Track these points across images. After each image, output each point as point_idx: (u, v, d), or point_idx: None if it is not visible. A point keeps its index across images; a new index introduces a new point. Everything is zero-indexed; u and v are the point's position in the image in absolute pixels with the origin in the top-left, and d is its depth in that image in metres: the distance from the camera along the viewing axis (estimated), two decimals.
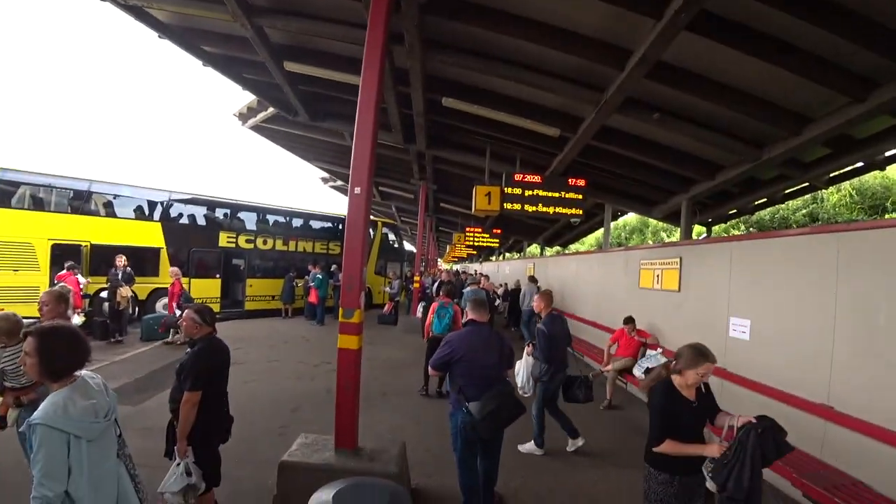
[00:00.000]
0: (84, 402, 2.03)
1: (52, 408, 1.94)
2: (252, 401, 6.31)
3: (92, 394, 2.11)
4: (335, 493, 2.26)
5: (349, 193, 3.94)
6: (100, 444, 2.08)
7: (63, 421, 1.92)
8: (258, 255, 15.02)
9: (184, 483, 3.01)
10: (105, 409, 2.13)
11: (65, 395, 2.01)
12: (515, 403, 3.51)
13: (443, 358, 3.58)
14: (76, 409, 1.98)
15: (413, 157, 10.90)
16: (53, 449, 1.90)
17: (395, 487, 2.38)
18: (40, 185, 11.29)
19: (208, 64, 7.49)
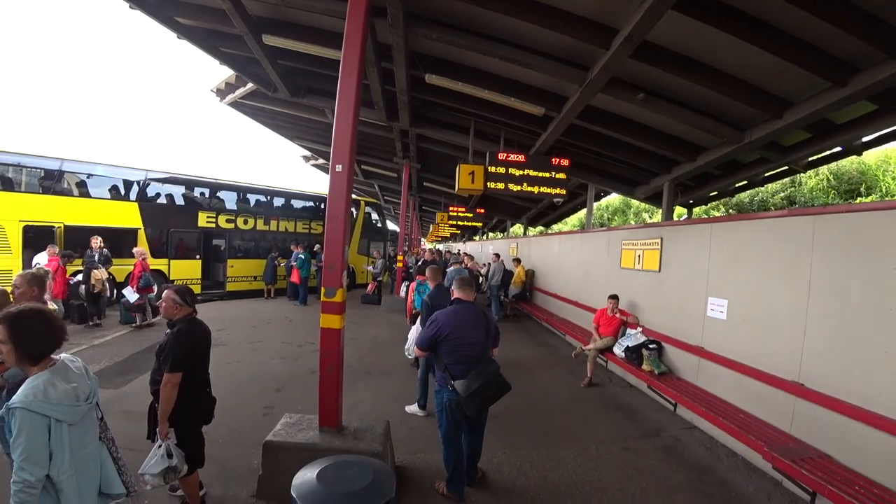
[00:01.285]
0: (65, 386, 2.02)
1: (32, 391, 1.93)
2: (236, 382, 6.29)
3: (72, 377, 2.09)
4: (319, 471, 2.28)
5: (330, 171, 3.89)
6: (81, 427, 2.08)
7: (43, 405, 1.91)
8: (239, 235, 14.78)
9: (164, 465, 3.01)
10: (86, 393, 2.12)
11: (45, 379, 1.99)
12: (500, 382, 3.58)
13: (430, 337, 3.64)
14: (56, 393, 1.97)
15: (397, 135, 10.75)
16: (34, 433, 1.88)
17: (378, 465, 2.42)
18: (9, 165, 10.83)
19: (183, 37, 7.22)
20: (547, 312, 11.28)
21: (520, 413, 5.64)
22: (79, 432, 2.06)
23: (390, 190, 20.99)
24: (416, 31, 5.39)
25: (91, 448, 2.15)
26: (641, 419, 5.76)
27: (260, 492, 3.64)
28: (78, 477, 2.02)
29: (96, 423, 2.22)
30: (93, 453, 2.15)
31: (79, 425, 2.06)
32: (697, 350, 5.62)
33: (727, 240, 5.39)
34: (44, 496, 1.92)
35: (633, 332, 6.76)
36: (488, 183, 7.10)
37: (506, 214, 18.72)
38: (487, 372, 3.53)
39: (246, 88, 10.68)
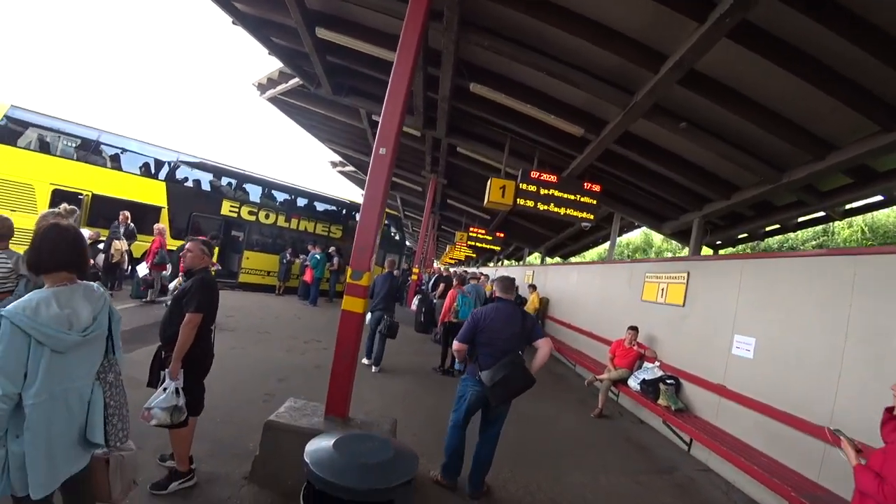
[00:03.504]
0: (60, 310, 1.89)
1: (24, 304, 1.82)
2: (239, 367, 6.21)
3: (76, 304, 1.97)
4: (335, 441, 2.18)
5: (373, 154, 3.88)
6: (69, 358, 1.92)
7: (28, 321, 1.78)
8: (258, 228, 14.89)
9: (173, 402, 3.06)
10: (86, 324, 1.97)
11: (43, 296, 1.89)
12: (525, 373, 3.65)
13: (469, 330, 3.83)
14: (48, 314, 1.85)
15: (428, 147, 10.82)
16: (12, 346, 1.76)
17: (399, 443, 2.31)
18: (49, 129, 11.17)
19: (238, 23, 7.38)
20: (558, 342, 11.09)
21: (527, 436, 5.47)
22: (63, 362, 1.91)
23: (412, 205, 21.10)
24: (468, 37, 5.43)
25: (79, 384, 1.99)
26: (653, 455, 5.55)
27: (253, 473, 3.52)
28: (52, 409, 1.87)
29: (96, 362, 2.08)
30: (80, 390, 2.00)
31: (67, 356, 1.91)
32: (719, 388, 5.43)
33: (759, 277, 5.26)
34: (16, 415, 1.80)
35: (651, 366, 6.58)
36: (518, 199, 7.07)
37: (525, 242, 18.65)
38: (512, 363, 3.62)
39: (287, 85, 10.88)
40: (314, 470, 2.05)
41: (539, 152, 7.87)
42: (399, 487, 2.06)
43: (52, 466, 1.88)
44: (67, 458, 1.96)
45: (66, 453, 1.95)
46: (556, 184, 7.10)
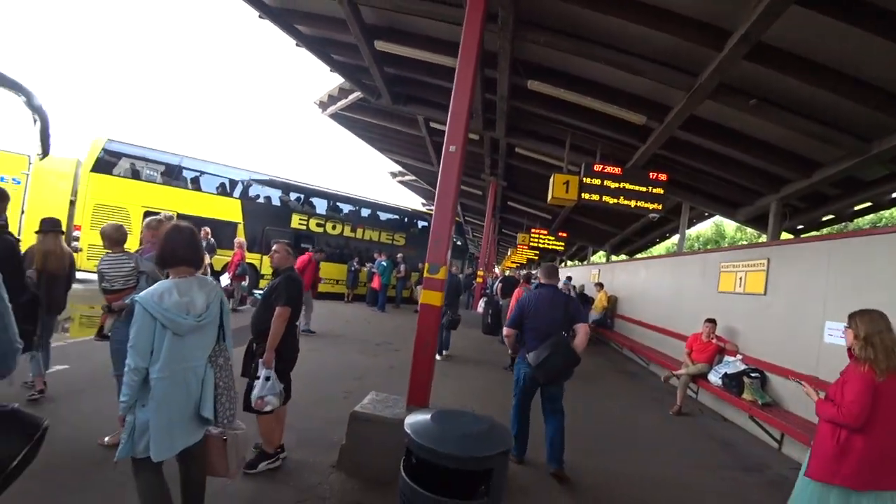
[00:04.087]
0: (180, 298, 2.22)
1: (152, 292, 2.17)
2: (318, 367, 6.52)
3: (193, 294, 2.29)
4: (432, 414, 2.27)
5: (444, 152, 4.00)
6: (187, 340, 2.24)
7: (154, 306, 2.13)
8: (326, 239, 15.58)
9: (278, 387, 3.37)
10: (200, 311, 2.28)
11: (167, 286, 2.22)
12: (568, 352, 3.86)
13: (516, 317, 4.13)
14: (170, 301, 2.19)
15: (487, 149, 10.90)
16: (142, 327, 2.13)
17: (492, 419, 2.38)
18: (138, 158, 12.35)
19: (301, 44, 7.81)
20: (630, 340, 10.79)
21: (604, 432, 5.41)
22: (182, 344, 2.23)
23: (472, 210, 21.21)
24: (524, 35, 5.48)
25: (195, 364, 2.30)
26: (740, 452, 5.28)
27: (340, 462, 3.69)
28: (172, 384, 2.19)
29: (208, 346, 2.38)
30: (196, 369, 2.30)
31: (185, 338, 2.23)
32: (811, 380, 5.09)
33: (852, 258, 4.91)
34: (144, 388, 2.15)
35: (732, 360, 6.28)
36: (582, 194, 6.99)
37: (588, 240, 18.27)
38: (556, 343, 3.83)
39: (347, 100, 11.34)
40: (415, 438, 2.10)
41: (601, 145, 7.75)
42: (498, 456, 2.09)
43: (170, 435, 2.18)
44: (184, 430, 2.25)
45: (183, 425, 2.25)
46: (621, 176, 6.97)
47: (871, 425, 2.52)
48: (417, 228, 18.41)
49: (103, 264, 3.66)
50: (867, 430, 2.53)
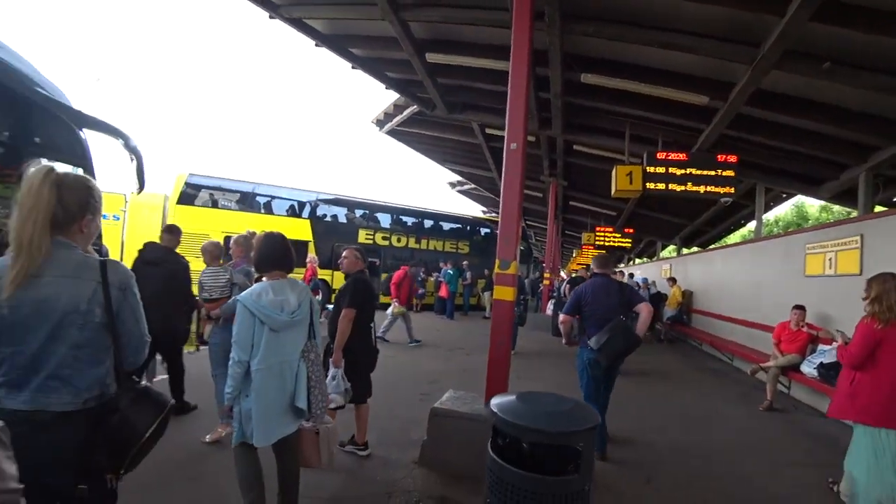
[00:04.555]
0: (275, 297, 2.50)
1: (251, 292, 2.47)
2: (394, 372, 6.75)
3: (285, 293, 2.55)
4: (517, 395, 2.33)
5: (505, 149, 4.09)
6: (282, 336, 2.50)
7: (253, 303, 2.43)
8: (392, 252, 16.06)
9: (343, 386, 3.54)
10: (292, 309, 2.52)
11: (263, 287, 2.50)
12: (628, 333, 4.03)
13: (573, 303, 4.31)
14: (266, 299, 2.47)
15: (545, 150, 10.84)
16: (243, 323, 2.43)
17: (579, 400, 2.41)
18: (216, 188, 13.45)
19: (357, 66, 8.19)
20: (709, 335, 10.27)
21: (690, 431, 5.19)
22: (278, 339, 2.49)
23: (534, 213, 21.02)
24: (572, 28, 5.47)
25: (290, 358, 2.55)
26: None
27: (422, 458, 3.81)
28: (269, 376, 2.44)
29: (300, 342, 2.62)
30: (291, 363, 2.55)
31: (281, 333, 2.49)
32: None
33: None
34: (245, 380, 2.42)
35: (827, 348, 5.84)
36: (647, 184, 6.81)
37: (657, 234, 17.59)
38: (615, 327, 3.99)
39: (402, 116, 11.68)
40: (502, 415, 2.14)
41: (662, 132, 7.52)
42: (586, 432, 2.11)
43: (268, 423, 2.44)
44: (280, 420, 2.49)
45: (279, 416, 2.49)
46: (687, 161, 6.73)
47: (876, 369, 3.01)
48: (480, 236, 18.54)
49: (203, 276, 4.15)
50: (873, 373, 3.03)
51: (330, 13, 6.81)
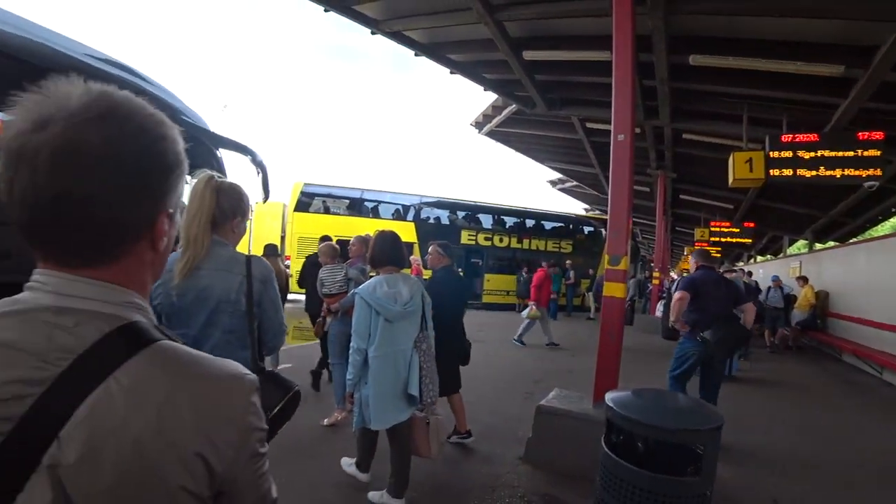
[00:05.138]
0: (388, 289, 2.73)
1: (368, 285, 2.75)
2: (498, 370, 6.83)
3: (398, 286, 2.76)
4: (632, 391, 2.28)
5: (612, 141, 3.96)
6: (397, 326, 2.71)
7: (369, 296, 2.67)
8: (494, 252, 16.20)
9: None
10: (405, 300, 2.73)
11: (378, 280, 2.75)
12: (739, 329, 4.36)
13: (688, 284, 4.44)
14: (381, 291, 2.70)
15: (650, 141, 10.29)
16: (360, 313, 2.67)
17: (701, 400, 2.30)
18: (328, 196, 14.51)
19: (455, 71, 8.37)
20: (851, 343, 9.06)
21: (824, 446, 4.69)
22: (392, 329, 2.69)
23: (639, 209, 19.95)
24: (677, 8, 5.14)
25: (404, 347, 2.75)
26: None
27: (527, 455, 3.81)
28: (384, 364, 2.65)
29: (413, 332, 2.82)
30: (404, 353, 2.75)
31: (395, 324, 2.70)
32: None
33: None
34: (364, 367, 2.67)
35: None
36: (770, 171, 6.19)
37: (782, 228, 15.86)
38: (730, 323, 4.26)
39: (501, 116, 11.70)
40: (618, 410, 2.08)
41: (787, 112, 6.79)
42: (709, 432, 1.99)
43: (383, 409, 2.66)
44: (395, 406, 2.69)
45: (394, 403, 2.69)
46: (819, 142, 5.99)
47: None
48: (584, 234, 18.03)
49: (323, 273, 4.55)
50: None
51: (427, 23, 7.03)
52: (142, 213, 0.60)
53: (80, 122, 0.54)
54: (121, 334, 0.56)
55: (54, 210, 0.54)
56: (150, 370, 0.55)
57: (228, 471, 0.58)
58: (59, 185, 0.53)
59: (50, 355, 0.53)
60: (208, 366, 0.60)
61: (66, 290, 0.57)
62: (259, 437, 0.63)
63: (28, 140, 0.53)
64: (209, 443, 0.56)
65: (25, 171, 0.53)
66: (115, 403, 0.52)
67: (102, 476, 0.50)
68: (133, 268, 0.62)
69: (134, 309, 0.60)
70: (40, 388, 0.52)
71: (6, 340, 0.53)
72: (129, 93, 0.60)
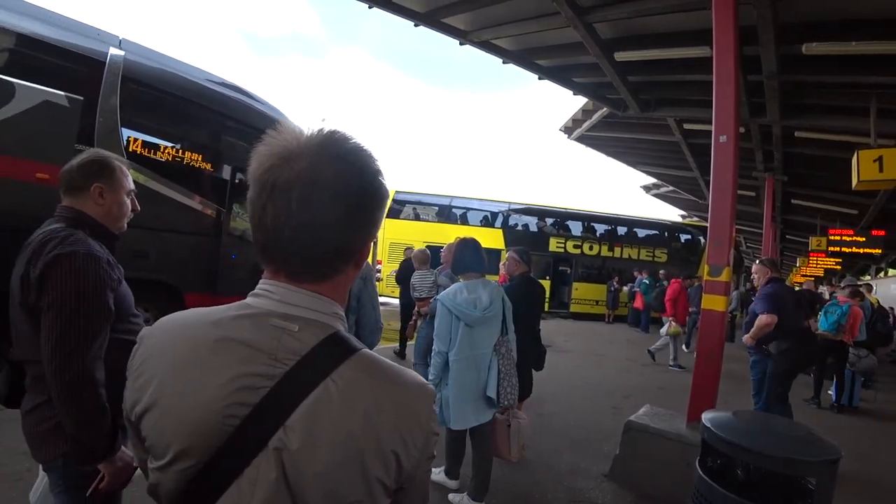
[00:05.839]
0: (469, 295, 2.82)
1: (449, 291, 2.87)
2: (584, 383, 6.62)
3: (478, 291, 2.85)
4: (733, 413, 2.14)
5: (713, 143, 3.72)
6: (477, 331, 2.80)
7: (450, 301, 2.78)
8: (583, 260, 15.76)
9: None
10: (485, 306, 2.81)
11: (459, 287, 2.86)
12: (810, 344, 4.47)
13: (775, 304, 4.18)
14: (461, 298, 2.80)
15: (756, 142, 9.47)
16: (442, 318, 2.79)
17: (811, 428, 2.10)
18: (417, 203, 14.89)
19: (543, 76, 8.28)
20: None
21: None
22: (472, 334, 2.77)
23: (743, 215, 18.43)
24: None
25: (482, 352, 2.82)
26: None
27: (612, 472, 3.66)
28: (464, 367, 2.74)
29: (493, 336, 2.88)
30: (483, 356, 2.82)
31: (475, 329, 2.79)
32: None
33: None
34: (445, 369, 2.78)
35: None
36: None
37: None
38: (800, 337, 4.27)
39: (591, 121, 11.38)
40: (717, 432, 1.92)
41: None
42: (823, 465, 1.77)
43: (463, 410, 2.77)
44: (474, 408, 2.80)
45: (473, 404, 2.80)
46: None
47: None
48: (680, 242, 17.00)
49: (414, 278, 4.79)
50: None
51: (515, 30, 7.02)
52: (360, 239, 0.69)
53: (321, 159, 0.63)
54: (333, 341, 0.65)
55: (295, 235, 0.63)
56: (359, 375, 0.64)
57: (412, 469, 0.65)
58: (305, 215, 0.62)
59: (279, 354, 0.62)
60: (402, 375, 0.68)
61: (290, 299, 0.66)
62: (435, 442, 0.70)
63: (279, 174, 0.62)
64: (403, 443, 0.63)
65: (281, 201, 0.62)
66: (333, 401, 0.60)
67: (317, 462, 0.59)
68: (340, 284, 0.71)
69: (337, 319, 0.69)
70: (271, 383, 0.61)
71: (245, 339, 0.63)
72: (348, 133, 0.69)
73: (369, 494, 0.61)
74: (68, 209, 1.42)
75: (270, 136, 0.65)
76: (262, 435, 0.59)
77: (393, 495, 0.65)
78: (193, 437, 0.60)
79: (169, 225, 4.80)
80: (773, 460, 1.79)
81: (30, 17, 4.33)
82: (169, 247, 4.89)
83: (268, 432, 0.59)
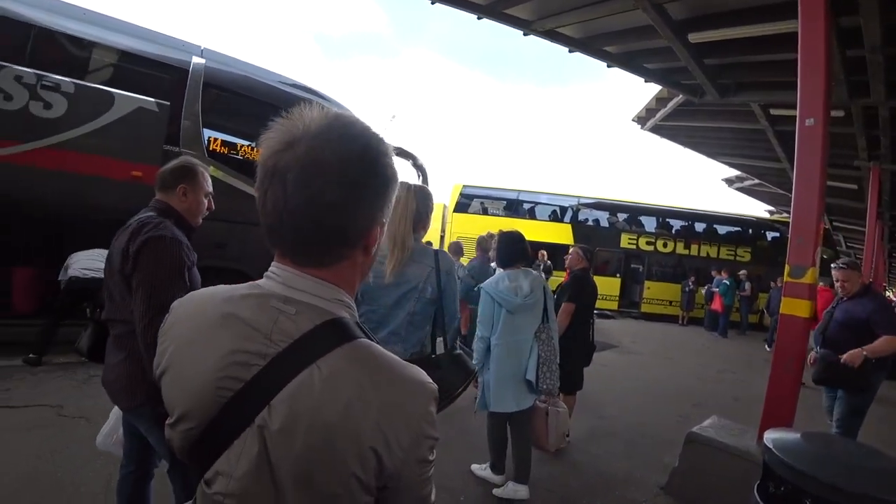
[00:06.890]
0: (510, 283, 2.94)
1: (492, 280, 3.03)
2: (649, 387, 6.31)
3: (521, 281, 2.96)
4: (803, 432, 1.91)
5: (798, 126, 3.37)
6: (518, 317, 2.92)
7: (492, 289, 2.93)
8: (657, 258, 14.99)
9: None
10: (525, 293, 2.92)
11: (502, 275, 3.01)
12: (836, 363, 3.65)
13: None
14: (503, 286, 2.93)
15: (858, 126, 8.47)
16: (485, 305, 2.94)
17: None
18: (485, 197, 14.87)
19: (612, 64, 7.86)
20: None
21: None
22: (514, 320, 2.90)
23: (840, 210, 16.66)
24: None
25: (523, 338, 2.94)
26: None
27: (669, 485, 3.40)
28: (505, 353, 2.87)
29: (534, 323, 2.99)
30: (524, 342, 2.93)
31: (517, 315, 2.91)
32: None
33: None
34: (487, 353, 2.92)
35: None
36: None
37: None
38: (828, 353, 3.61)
39: (666, 109, 10.70)
40: (780, 455, 1.71)
41: None
42: None
43: (503, 394, 2.89)
44: (514, 392, 2.93)
45: (514, 389, 2.90)
46: None
47: None
48: (766, 241, 15.67)
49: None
50: None
51: (579, 17, 6.69)
52: (363, 223, 0.69)
53: (320, 143, 0.64)
54: (328, 327, 0.65)
55: (295, 218, 0.64)
56: (347, 364, 0.63)
57: (396, 469, 0.63)
58: (302, 198, 0.63)
59: (274, 336, 0.64)
60: (397, 370, 0.66)
61: (292, 283, 0.68)
62: (430, 445, 0.67)
63: (280, 158, 0.64)
64: (384, 441, 0.61)
65: (278, 185, 0.63)
66: (314, 388, 0.61)
67: (294, 446, 0.60)
68: (346, 270, 0.71)
69: (342, 306, 0.69)
70: (263, 362, 0.63)
71: (246, 318, 0.66)
72: (356, 115, 0.71)
73: (346, 488, 0.60)
74: (160, 202, 1.82)
75: (278, 123, 0.66)
76: (249, 411, 0.62)
77: (376, 493, 0.63)
78: (191, 402, 0.65)
79: (245, 217, 5.03)
80: (845, 495, 1.51)
81: (122, 32, 4.87)
82: (245, 238, 5.21)
83: (255, 409, 0.61)
